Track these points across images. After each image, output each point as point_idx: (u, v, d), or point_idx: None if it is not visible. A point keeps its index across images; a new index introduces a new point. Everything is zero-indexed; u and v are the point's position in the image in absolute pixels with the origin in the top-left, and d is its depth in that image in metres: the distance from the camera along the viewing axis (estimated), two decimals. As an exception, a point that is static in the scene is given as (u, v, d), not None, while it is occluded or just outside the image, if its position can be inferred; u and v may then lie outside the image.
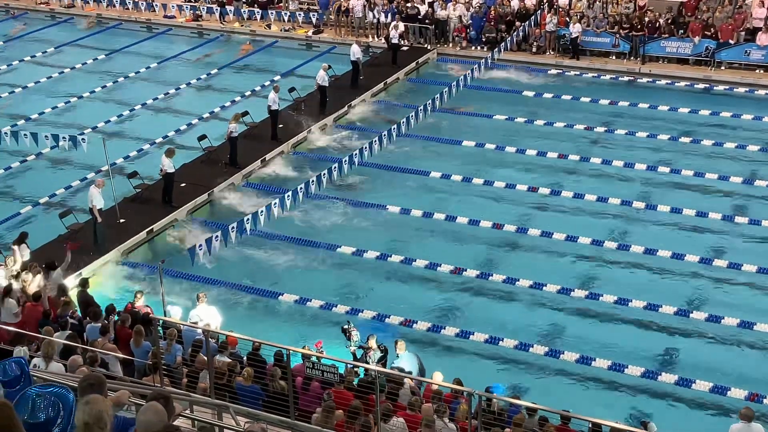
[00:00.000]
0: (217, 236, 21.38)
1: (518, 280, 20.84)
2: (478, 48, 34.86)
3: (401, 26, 34.39)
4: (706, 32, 32.25)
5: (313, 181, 23.88)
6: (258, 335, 16.74)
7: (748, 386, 17.25)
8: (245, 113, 28.90)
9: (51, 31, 39.86)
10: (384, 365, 16.29)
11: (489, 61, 31.82)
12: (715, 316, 19.30)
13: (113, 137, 28.20)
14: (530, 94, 31.23)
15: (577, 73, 33.02)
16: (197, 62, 35.81)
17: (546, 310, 20.17)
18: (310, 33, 37.96)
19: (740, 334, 18.93)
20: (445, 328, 19.41)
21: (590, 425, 12.14)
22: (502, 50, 32.84)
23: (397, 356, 16.40)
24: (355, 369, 15.28)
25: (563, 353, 18.44)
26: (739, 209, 23.60)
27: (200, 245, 20.97)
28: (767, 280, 20.58)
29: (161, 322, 16.45)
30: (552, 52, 34.22)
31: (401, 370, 15.74)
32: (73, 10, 41.86)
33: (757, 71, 31.67)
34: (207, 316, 17.86)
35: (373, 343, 16.65)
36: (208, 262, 21.57)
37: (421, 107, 28.00)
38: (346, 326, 17.57)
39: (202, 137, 27.42)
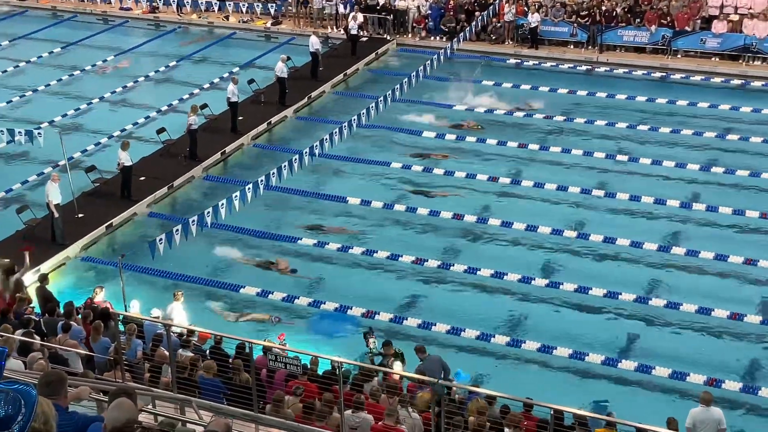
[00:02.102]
0: (177, 229, 21.22)
1: (479, 270, 20.93)
2: (438, 38, 34.91)
3: (360, 17, 34.33)
4: (662, 21, 32.57)
5: (274, 173, 23.77)
6: (220, 329, 16.68)
7: (706, 371, 17.49)
8: (204, 106, 28.70)
9: (4, 24, 39.27)
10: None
11: (448, 51, 31.87)
12: (674, 303, 19.52)
13: (70, 131, 27.86)
14: (490, 83, 31.33)
15: (536, 62, 33.20)
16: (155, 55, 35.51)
17: (507, 299, 20.28)
18: (268, 24, 37.76)
19: (698, 320, 19.17)
20: (407, 319, 19.45)
21: (552, 412, 12.22)
22: (462, 40, 32.91)
23: (421, 362, 15.82)
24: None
25: (525, 342, 18.57)
26: (697, 196, 23.85)
27: (160, 239, 20.81)
28: (724, 266, 20.84)
29: (121, 317, 16.30)
30: (511, 42, 34.36)
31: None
32: (27, 3, 41.26)
33: (713, 59, 32.03)
34: (179, 315, 17.75)
35: (390, 349, 16.44)
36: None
37: (381, 98, 27.98)
38: (367, 331, 17.31)
39: (161, 130, 27.20)
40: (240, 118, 28.15)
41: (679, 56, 32.40)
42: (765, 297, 19.91)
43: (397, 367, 16.03)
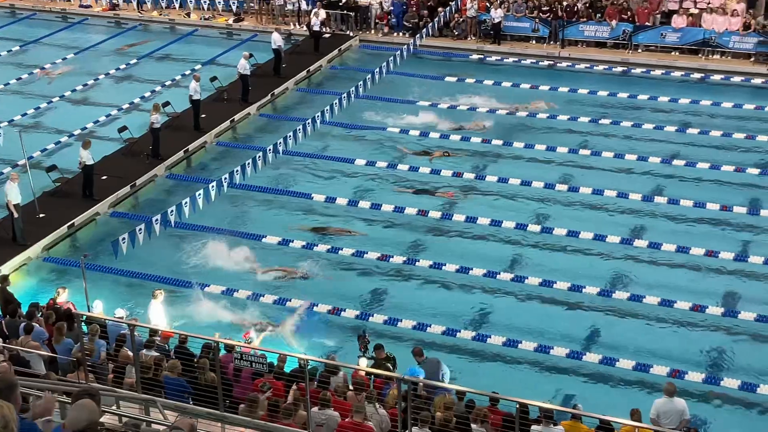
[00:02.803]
0: (140, 229, 21.07)
1: (444, 265, 20.97)
2: (400, 34, 34.92)
3: (322, 13, 34.24)
4: (623, 16, 32.82)
5: (238, 170, 23.67)
6: (185, 328, 16.58)
7: (669, 363, 17.68)
8: (166, 104, 28.49)
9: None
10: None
11: (411, 47, 31.88)
12: (637, 296, 19.70)
13: (30, 130, 27.49)
14: (452, 79, 31.40)
15: (498, 58, 33.32)
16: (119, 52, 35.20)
17: (472, 294, 20.34)
18: (230, 21, 37.56)
19: (661, 312, 19.36)
20: (372, 316, 19.45)
21: (518, 406, 12.29)
22: (424, 36, 32.94)
23: (419, 364, 15.72)
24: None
25: (490, 337, 18.65)
26: (659, 190, 24.07)
27: (123, 238, 20.65)
28: (686, 258, 21.06)
29: (84, 317, 16.15)
30: (473, 38, 34.46)
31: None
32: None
33: (673, 53, 32.33)
34: (159, 314, 17.59)
35: (382, 354, 16.30)
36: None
37: (345, 94, 27.95)
38: (361, 334, 17.20)
39: (122, 129, 26.96)
40: (203, 115, 27.97)
41: (639, 51, 32.68)
42: (727, 288, 20.14)
43: (363, 363, 16.02)
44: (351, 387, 14.31)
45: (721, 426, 15.87)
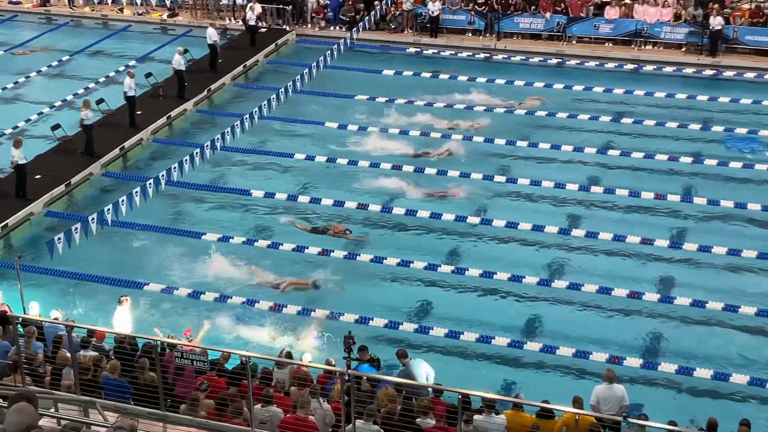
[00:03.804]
0: (76, 228, 20.73)
1: (385, 259, 21.02)
2: (337, 28, 34.86)
3: (258, 8, 34.01)
4: (557, 8, 33.19)
5: (175, 167, 23.42)
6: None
7: (608, 349, 17.94)
8: (101, 101, 28.10)
9: None
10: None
11: (348, 41, 31.85)
12: (575, 284, 19.94)
13: (-41, 130, 26.95)
14: (390, 72, 31.45)
15: (435, 50, 33.45)
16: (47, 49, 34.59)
17: (414, 287, 20.41)
18: (164, 16, 37.13)
19: (599, 300, 19.64)
20: (315, 311, 19.40)
21: (460, 397, 12.37)
22: (361, 30, 32.93)
23: (404, 367, 15.61)
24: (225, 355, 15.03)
25: (432, 329, 18.73)
26: (594, 179, 24.38)
27: (59, 238, 20.30)
28: (623, 246, 21.37)
29: (20, 319, 15.84)
30: (410, 31, 34.54)
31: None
32: None
33: (606, 44, 32.79)
34: (123, 320, 17.29)
35: (366, 355, 16.23)
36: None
37: (282, 89, 27.82)
38: (348, 336, 17.01)
39: (55, 126, 26.49)
40: (138, 112, 27.61)
41: (573, 42, 33.07)
42: (662, 275, 20.51)
43: (306, 359, 15.98)
44: (293, 383, 14.27)
45: (659, 409, 16.12)
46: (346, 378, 12.65)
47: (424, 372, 15.42)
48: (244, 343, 17.94)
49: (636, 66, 31.59)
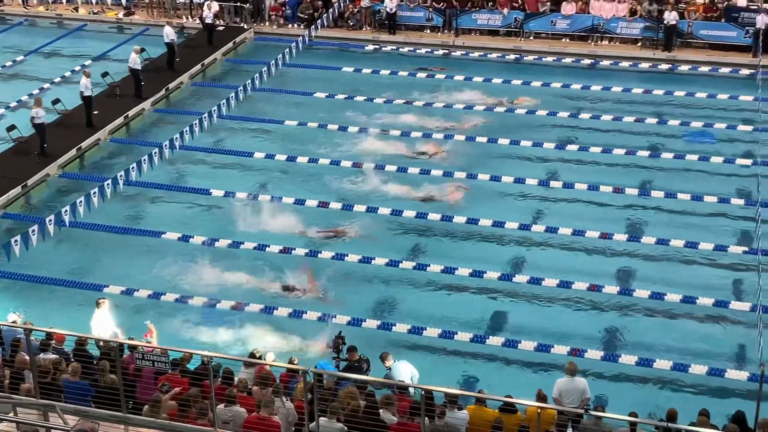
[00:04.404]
0: (33, 230, 20.48)
1: (347, 256, 21.00)
2: (295, 26, 34.75)
3: (215, 5, 33.81)
4: (514, 4, 33.37)
5: (133, 167, 23.22)
6: (84, 330, 16.20)
7: (569, 342, 18.08)
8: (56, 101, 27.80)
9: None
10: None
11: (306, 38, 31.76)
12: (536, 278, 20.07)
13: None
14: (349, 69, 31.42)
15: (394, 47, 33.48)
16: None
17: (375, 284, 20.40)
18: (120, 15, 36.80)
19: (560, 294, 19.78)
20: (277, 309, 19.34)
21: (423, 392, 12.40)
22: (319, 27, 32.84)
23: (389, 369, 15.58)
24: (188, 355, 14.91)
25: (395, 325, 18.74)
26: (554, 174, 24.53)
27: (15, 240, 20.04)
28: (582, 241, 21.53)
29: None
30: (368, 28, 34.53)
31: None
32: None
33: (563, 40, 33.04)
34: (105, 322, 17.05)
35: (354, 356, 16.09)
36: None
37: (241, 87, 27.69)
38: (338, 336, 16.88)
39: (11, 128, 26.15)
40: (95, 112, 27.35)
41: (531, 38, 33.27)
42: (621, 268, 20.70)
43: (269, 358, 15.93)
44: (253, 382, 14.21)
45: (619, 401, 16.27)
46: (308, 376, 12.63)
47: (408, 374, 15.46)
48: (208, 344, 17.78)
49: (593, 61, 31.85)
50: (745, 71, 30.17)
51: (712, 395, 16.77)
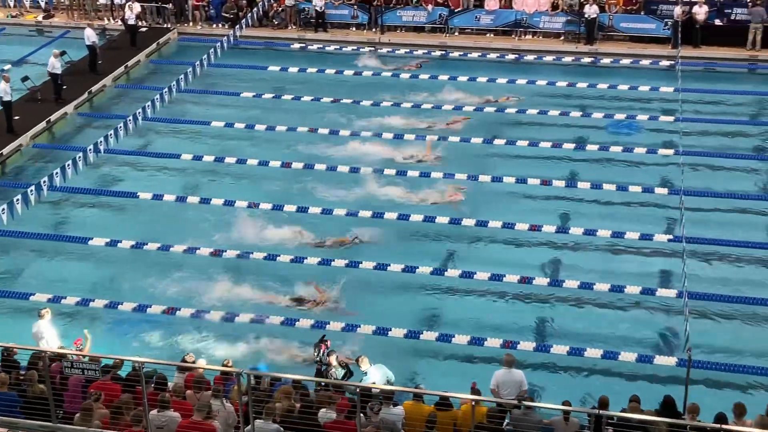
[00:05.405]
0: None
1: (278, 256, 20.91)
2: (220, 26, 34.47)
3: (137, 6, 33.33)
4: (438, 0, 33.55)
5: (57, 173, 22.80)
6: (11, 339, 15.83)
7: (502, 335, 18.26)
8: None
9: None
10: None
11: (231, 38, 31.52)
12: (468, 272, 20.21)
13: None
14: (276, 68, 31.27)
15: (320, 46, 33.42)
16: None
17: (308, 284, 20.30)
18: (39, 18, 36.08)
19: (492, 287, 19.97)
20: (239, 315, 19.09)
21: (358, 390, 12.43)
22: (244, 27, 32.63)
23: (365, 373, 15.47)
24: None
25: (329, 323, 18.66)
26: (482, 168, 24.66)
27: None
28: (511, 233, 21.72)
29: None
30: (294, 26, 34.41)
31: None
32: None
33: (488, 35, 33.33)
34: (49, 333, 16.61)
35: (333, 360, 15.98)
36: None
37: (166, 89, 27.37)
38: (321, 340, 16.74)
39: (-73, 136, 25.51)
40: (16, 117, 26.76)
41: (456, 34, 33.50)
42: (551, 259, 20.98)
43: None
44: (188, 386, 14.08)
45: (552, 390, 16.51)
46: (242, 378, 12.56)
47: (383, 377, 15.43)
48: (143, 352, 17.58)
49: (517, 56, 32.19)
50: (665, 62, 30.81)
51: (642, 381, 17.09)
